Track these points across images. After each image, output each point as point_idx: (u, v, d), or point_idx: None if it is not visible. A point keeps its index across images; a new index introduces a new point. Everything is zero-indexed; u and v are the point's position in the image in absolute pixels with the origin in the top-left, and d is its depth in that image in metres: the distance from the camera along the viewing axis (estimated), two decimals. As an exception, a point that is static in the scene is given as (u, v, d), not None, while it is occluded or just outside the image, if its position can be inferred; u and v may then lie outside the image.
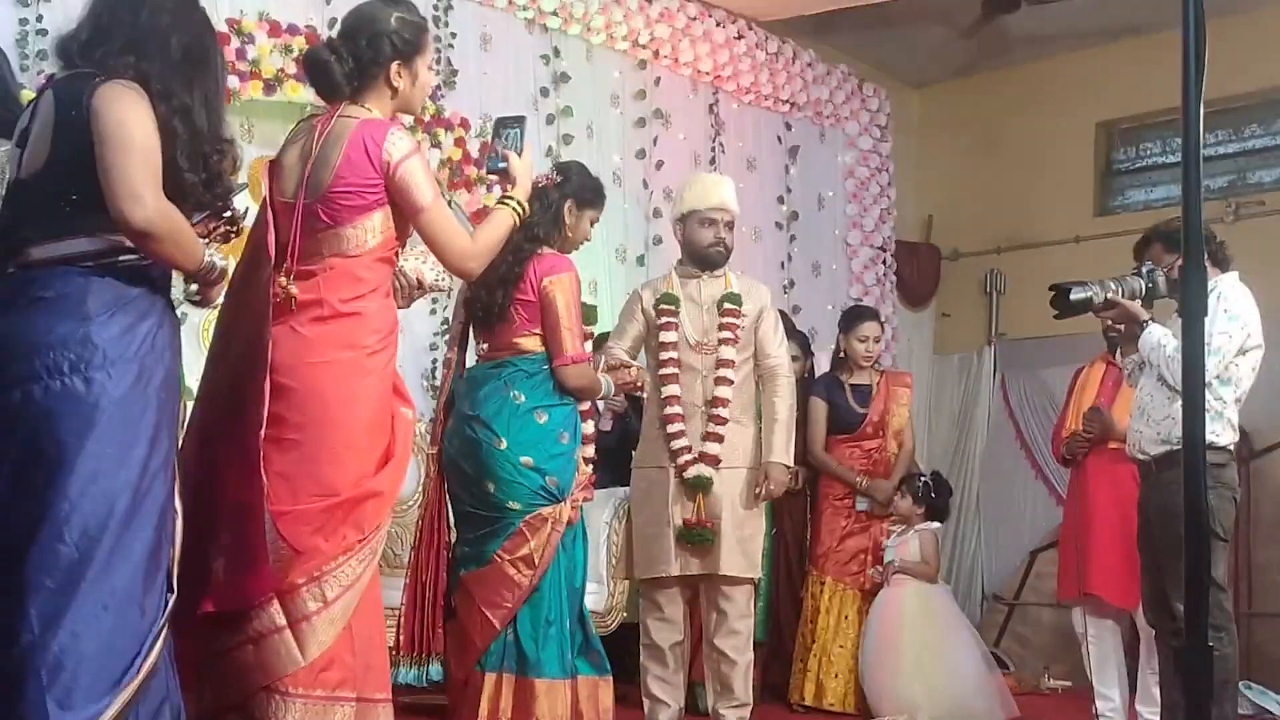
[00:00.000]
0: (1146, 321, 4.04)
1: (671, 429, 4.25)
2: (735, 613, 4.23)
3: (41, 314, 2.21)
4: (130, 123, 2.25)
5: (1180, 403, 1.93)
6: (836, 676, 5.21)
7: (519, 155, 3.03)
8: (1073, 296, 3.94)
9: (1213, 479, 3.98)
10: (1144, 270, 4.13)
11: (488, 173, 3.64)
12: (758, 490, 4.23)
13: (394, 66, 2.80)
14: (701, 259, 4.36)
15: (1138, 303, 4.01)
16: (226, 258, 2.50)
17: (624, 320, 4.46)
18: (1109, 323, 4.41)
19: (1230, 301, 4.04)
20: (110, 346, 2.23)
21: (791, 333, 5.76)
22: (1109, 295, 3.98)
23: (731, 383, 4.27)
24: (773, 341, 4.38)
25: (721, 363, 4.27)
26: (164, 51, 2.35)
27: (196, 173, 2.36)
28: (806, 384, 5.71)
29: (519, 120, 3.10)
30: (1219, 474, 4.03)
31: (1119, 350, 4.58)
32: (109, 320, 2.24)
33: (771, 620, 5.49)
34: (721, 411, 4.24)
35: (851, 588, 5.33)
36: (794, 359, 5.54)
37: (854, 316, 5.68)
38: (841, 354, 5.62)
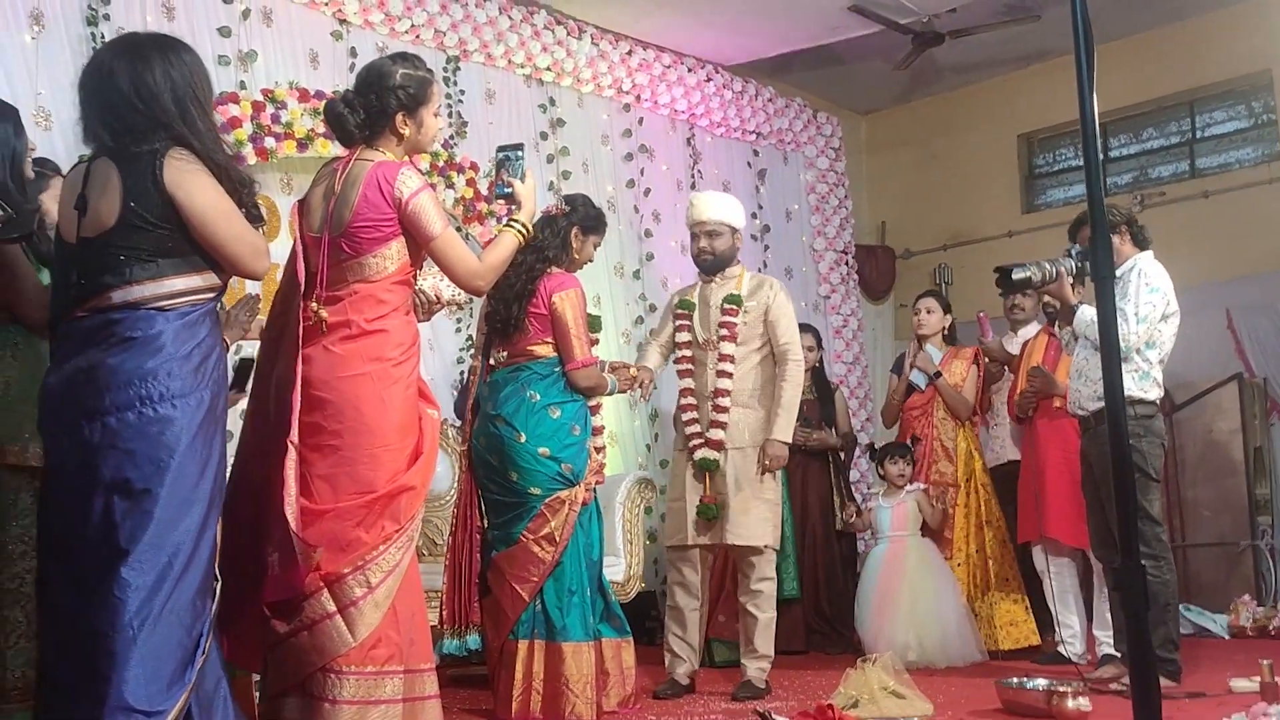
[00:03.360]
0: (1077, 305, 4.01)
1: (685, 417, 4.25)
2: (755, 575, 4.17)
3: (134, 351, 2.20)
4: (216, 198, 2.27)
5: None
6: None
7: (522, 181, 2.97)
8: (1015, 276, 3.84)
9: (1144, 428, 3.95)
10: (1073, 251, 4.09)
11: (496, 198, 3.58)
12: (758, 467, 4.17)
13: (400, 116, 2.74)
14: (697, 266, 4.37)
15: (1070, 280, 3.96)
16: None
17: (662, 321, 4.49)
18: (1047, 299, 4.40)
19: (1150, 276, 4.01)
20: (190, 378, 2.23)
21: (805, 328, 5.76)
22: (1045, 274, 3.93)
23: (730, 375, 4.21)
24: (781, 327, 4.26)
25: (722, 357, 4.22)
26: (191, 122, 2.30)
27: (247, 209, 2.38)
28: (818, 372, 5.73)
29: (518, 147, 3.01)
30: (1149, 424, 3.99)
31: (1057, 323, 4.57)
32: (188, 357, 2.24)
33: (808, 577, 5.41)
34: (723, 401, 4.18)
35: None
36: (808, 350, 5.50)
37: (916, 298, 5.67)
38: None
